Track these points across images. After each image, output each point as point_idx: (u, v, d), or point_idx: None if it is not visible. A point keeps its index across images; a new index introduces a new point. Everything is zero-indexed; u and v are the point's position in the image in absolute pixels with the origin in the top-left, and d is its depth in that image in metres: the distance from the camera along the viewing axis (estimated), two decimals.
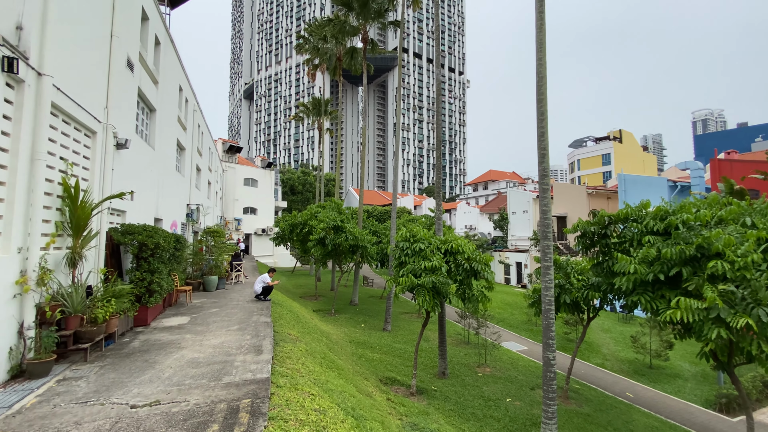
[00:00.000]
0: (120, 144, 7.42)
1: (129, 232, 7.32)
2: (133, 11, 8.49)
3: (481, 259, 9.35)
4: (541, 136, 8.67)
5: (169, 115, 11.86)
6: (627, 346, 17.32)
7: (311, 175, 60.97)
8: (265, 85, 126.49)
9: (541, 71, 8.64)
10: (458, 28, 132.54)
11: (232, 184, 33.95)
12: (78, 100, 5.93)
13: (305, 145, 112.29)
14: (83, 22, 6.18)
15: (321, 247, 15.99)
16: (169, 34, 11.27)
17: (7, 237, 4.49)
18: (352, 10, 20.74)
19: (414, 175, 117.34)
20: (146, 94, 9.44)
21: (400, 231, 9.79)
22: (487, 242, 40.97)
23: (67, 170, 5.76)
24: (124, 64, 7.80)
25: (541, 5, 8.64)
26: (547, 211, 8.68)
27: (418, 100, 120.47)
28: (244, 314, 8.81)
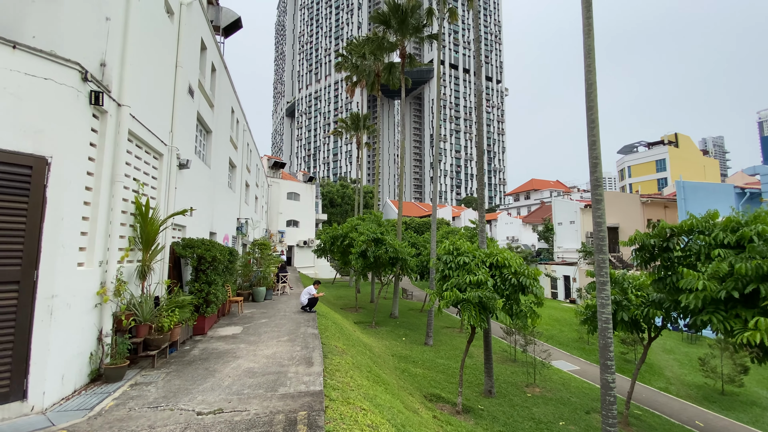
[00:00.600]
0: (182, 164, 8.03)
1: (189, 246, 7.85)
2: (194, 42, 9.26)
3: (530, 273, 9.01)
4: (593, 145, 8.31)
5: (223, 135, 12.69)
6: (694, 369, 15.76)
7: (350, 188, 62.20)
8: (305, 102, 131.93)
9: (591, 78, 8.34)
10: (495, 36, 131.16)
11: (276, 198, 35.42)
12: (148, 125, 6.53)
13: (343, 159, 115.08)
14: (154, 56, 6.83)
15: (362, 259, 16.18)
16: (223, 61, 12.14)
17: (91, 251, 4.99)
18: (391, 27, 21.24)
19: (452, 186, 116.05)
20: (204, 117, 10.19)
21: (443, 244, 9.69)
22: (531, 254, 39.39)
23: (138, 190, 6.32)
24: (186, 90, 8.50)
25: (588, 11, 8.39)
26: (601, 222, 8.24)
27: (454, 110, 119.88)
28: (293, 325, 9.06)
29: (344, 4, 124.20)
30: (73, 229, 4.59)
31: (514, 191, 72.33)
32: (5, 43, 4.10)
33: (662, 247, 9.05)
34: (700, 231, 8.39)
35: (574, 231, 35.76)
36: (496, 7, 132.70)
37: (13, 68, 4.11)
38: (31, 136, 4.14)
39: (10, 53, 4.12)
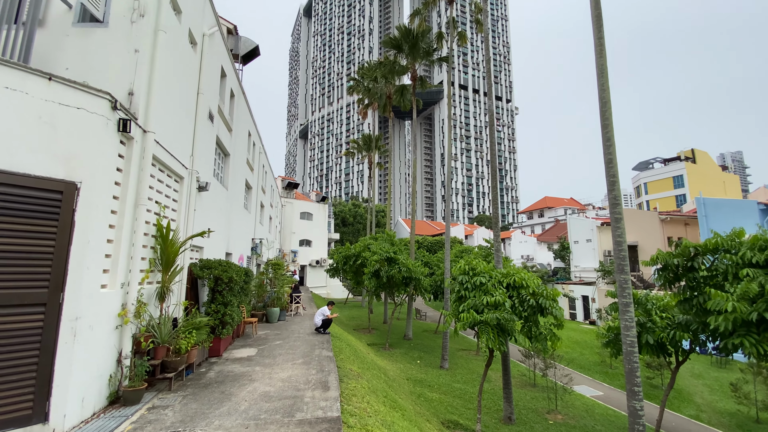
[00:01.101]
0: (201, 187, 8.23)
1: (207, 267, 7.94)
2: (215, 70, 9.66)
3: (548, 294, 8.79)
4: (609, 163, 8.24)
5: (240, 158, 13.02)
6: (725, 395, 14.90)
7: (361, 207, 62.52)
8: (318, 124, 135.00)
9: (605, 96, 8.34)
10: (504, 57, 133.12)
11: (290, 217, 35.81)
12: (171, 150, 6.76)
13: (355, 179, 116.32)
14: (178, 84, 7.14)
15: (375, 279, 16.07)
16: (241, 87, 12.60)
17: (114, 273, 5.09)
18: (402, 51, 21.78)
19: (463, 204, 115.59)
20: (223, 141, 10.50)
21: (458, 263, 9.57)
22: (547, 274, 38.52)
23: (160, 212, 6.48)
24: (206, 116, 8.81)
25: (599, 31, 8.48)
26: (621, 242, 8.06)
27: (464, 130, 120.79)
28: (307, 347, 8.97)
29: (356, 31, 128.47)
30: (98, 252, 4.71)
31: (528, 209, 71.58)
32: (42, 76, 4.34)
33: (687, 266, 8.73)
34: (726, 250, 8.09)
35: (592, 249, 34.97)
36: (504, 29, 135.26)
37: (48, 98, 4.33)
38: (62, 163, 4.32)
39: (46, 85, 4.36)
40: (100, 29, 5.73)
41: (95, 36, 5.72)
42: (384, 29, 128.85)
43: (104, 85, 5.18)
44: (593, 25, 8.51)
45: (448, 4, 19.65)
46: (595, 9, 8.53)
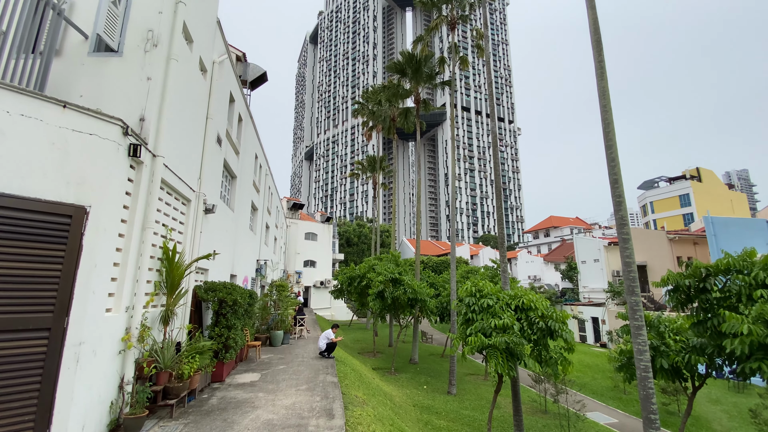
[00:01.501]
0: (208, 209, 8.30)
1: (211, 290, 7.90)
2: (224, 96, 9.92)
3: (557, 316, 8.60)
4: (615, 183, 8.22)
5: (247, 180, 13.18)
6: (745, 422, 14.24)
7: (366, 227, 62.57)
8: (323, 146, 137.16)
9: (607, 118, 8.41)
10: (505, 80, 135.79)
11: (294, 238, 35.85)
12: (179, 173, 6.86)
13: (360, 199, 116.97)
14: (187, 109, 7.32)
15: (380, 300, 15.86)
16: (249, 112, 12.89)
17: (119, 297, 5.07)
18: (406, 75, 22.31)
19: (468, 224, 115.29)
20: (230, 163, 10.66)
21: (464, 285, 9.44)
22: (555, 295, 37.87)
23: (167, 235, 6.52)
24: (214, 140, 8.98)
25: (600, 54, 8.64)
26: (631, 263, 7.93)
27: (468, 150, 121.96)
28: (311, 372, 8.78)
29: (360, 56, 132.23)
30: (105, 276, 4.71)
31: (533, 228, 71.19)
32: (56, 103, 4.47)
33: (699, 288, 8.54)
34: (738, 270, 7.92)
35: (599, 270, 34.47)
36: (504, 53, 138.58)
37: (62, 125, 4.44)
38: (73, 187, 4.39)
39: (60, 112, 4.48)
40: (115, 58, 5.94)
41: (110, 64, 5.92)
42: (387, 55, 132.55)
43: (116, 111, 5.32)
44: (593, 49, 8.69)
45: (450, 31, 20.23)
46: (595, 34, 8.73)
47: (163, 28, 6.16)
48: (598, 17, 8.91)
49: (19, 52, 4.91)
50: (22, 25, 4.83)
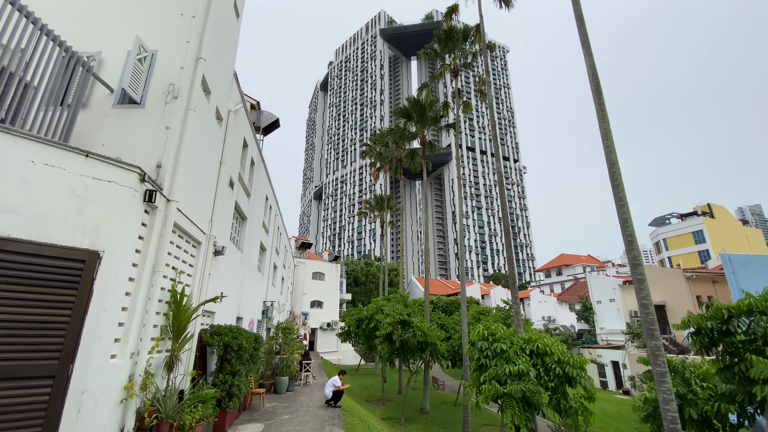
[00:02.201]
0: (218, 251, 8.37)
1: (217, 333, 7.77)
2: (238, 142, 10.35)
3: (575, 362, 8.19)
4: (624, 223, 8.15)
5: (257, 221, 13.38)
6: None
7: (374, 266, 61.99)
8: (332, 186, 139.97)
9: (612, 158, 8.52)
10: (509, 121, 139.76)
11: (302, 278, 35.59)
12: (191, 216, 7.01)
13: (367, 237, 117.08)
14: (202, 155, 7.63)
15: (388, 343, 15.34)
16: (261, 156, 13.36)
17: (125, 343, 5.01)
18: (411, 119, 23.17)
19: (478, 262, 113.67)
20: (241, 205, 10.89)
21: (476, 328, 9.14)
22: (572, 337, 36.32)
23: (176, 278, 6.54)
24: (227, 183, 9.25)
25: (599, 98, 8.92)
26: (647, 304, 7.67)
27: (474, 188, 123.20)
28: (317, 423, 8.35)
29: (368, 102, 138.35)
30: (112, 321, 4.69)
31: (544, 267, 69.85)
32: (79, 153, 4.70)
33: (722, 330, 8.15)
34: (762, 311, 7.58)
35: (616, 310, 33.22)
36: (507, 96, 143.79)
37: (83, 173, 4.64)
38: (89, 233, 4.50)
39: (82, 162, 4.70)
40: (137, 109, 6.32)
41: (132, 115, 6.28)
42: (394, 100, 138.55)
43: (135, 159, 5.56)
44: (593, 93, 9.00)
45: (453, 77, 21.21)
46: (593, 79, 9.07)
47: (183, 81, 6.58)
48: (595, 63, 9.31)
49: (48, 105, 5.25)
50: (53, 80, 5.20)
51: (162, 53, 6.68)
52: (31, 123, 4.92)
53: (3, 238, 3.81)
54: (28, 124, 4.85)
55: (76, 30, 6.55)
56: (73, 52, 5.51)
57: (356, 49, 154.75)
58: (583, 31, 9.60)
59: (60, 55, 5.29)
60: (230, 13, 8.95)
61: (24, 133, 4.18)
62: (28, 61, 4.77)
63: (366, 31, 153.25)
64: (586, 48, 9.47)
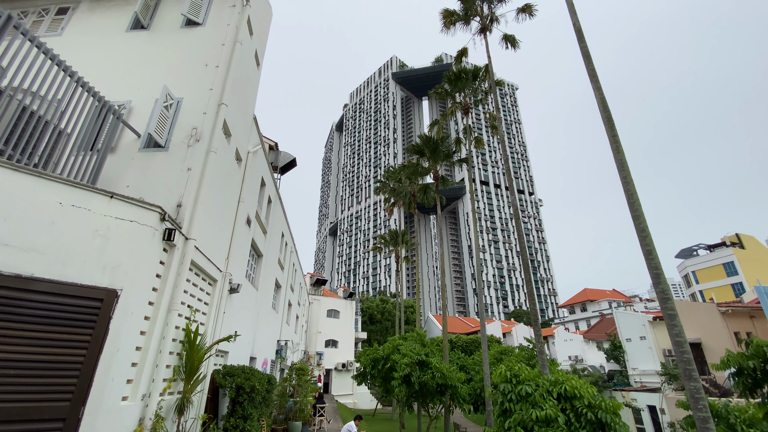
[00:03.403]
0: (233, 289, 8.37)
1: (230, 374, 7.59)
2: (256, 181, 10.67)
3: (608, 406, 7.58)
4: (649, 254, 7.83)
5: (272, 258, 13.46)
6: None
7: (389, 303, 60.70)
8: (347, 222, 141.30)
9: (630, 188, 8.37)
10: (521, 155, 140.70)
11: (316, 315, 35.04)
12: (208, 254, 7.10)
13: (382, 273, 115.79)
14: (221, 195, 7.85)
15: (406, 386, 14.63)
16: (278, 194, 13.69)
17: (137, 384, 4.92)
18: (424, 155, 23.60)
19: (497, 298, 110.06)
20: (257, 243, 11.02)
21: (498, 369, 8.65)
22: (602, 378, 33.97)
23: (191, 316, 6.51)
24: (244, 221, 9.43)
25: (612, 130, 8.92)
26: (682, 342, 7.18)
27: (490, 222, 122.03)
28: None
29: (381, 140, 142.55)
30: (126, 361, 4.65)
31: (568, 303, 67.04)
32: (105, 194, 4.90)
33: (765, 370, 7.53)
34: None
35: (648, 348, 31.16)
36: (518, 131, 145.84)
37: (107, 214, 4.81)
38: (108, 271, 4.58)
39: (107, 202, 4.88)
40: (161, 152, 6.64)
41: (155, 157, 6.59)
42: (407, 137, 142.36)
43: (157, 199, 5.77)
44: (605, 125, 9.02)
45: (464, 115, 21.74)
46: (604, 112, 9.13)
47: (205, 125, 6.93)
48: (605, 97, 9.41)
49: (80, 150, 5.57)
50: (86, 127, 5.55)
51: (186, 100, 7.11)
52: (62, 167, 5.20)
53: (26, 277, 3.91)
54: (60, 168, 5.13)
55: (110, 81, 7.07)
56: (105, 102, 5.91)
57: (370, 91, 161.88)
58: (591, 67, 9.81)
59: (93, 104, 5.68)
60: (251, 62, 9.56)
61: (54, 176, 4.41)
62: (63, 110, 5.13)
63: (379, 75, 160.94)
64: (595, 82, 9.63)
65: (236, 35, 8.08)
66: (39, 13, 8.53)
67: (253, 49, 9.64)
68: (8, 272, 3.83)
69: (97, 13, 8.42)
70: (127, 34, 8.07)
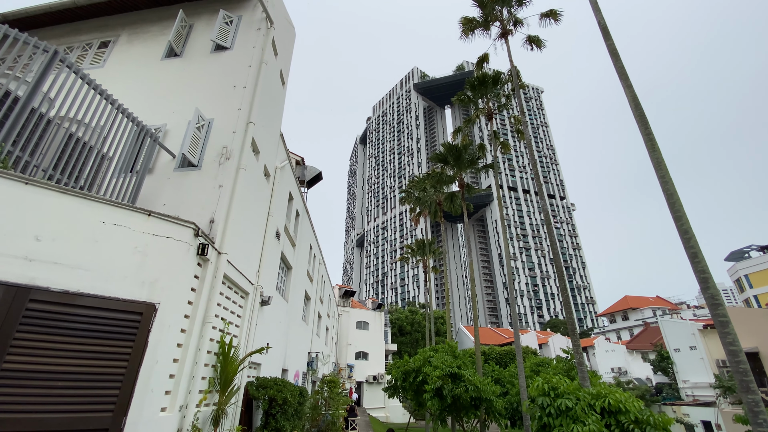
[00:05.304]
0: (264, 301, 8.55)
1: (262, 386, 7.69)
2: (284, 195, 10.94)
3: (657, 422, 7.06)
4: (694, 257, 7.33)
5: (301, 270, 13.67)
6: None
7: (419, 314, 59.92)
8: (373, 233, 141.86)
9: (669, 188, 7.91)
10: (550, 159, 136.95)
11: (346, 327, 35.10)
12: (240, 268, 7.30)
13: (410, 283, 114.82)
14: (251, 209, 8.09)
15: (438, 399, 14.26)
16: (306, 208, 13.98)
17: (175, 395, 5.07)
18: (448, 163, 23.41)
19: (531, 307, 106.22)
20: (287, 256, 11.25)
21: (535, 382, 8.27)
22: (649, 392, 31.77)
23: (224, 328, 6.68)
24: (273, 235, 9.66)
25: (646, 128, 8.52)
26: (737, 351, 6.61)
27: (520, 228, 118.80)
28: None
29: (405, 151, 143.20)
30: (164, 373, 4.81)
31: (607, 311, 63.62)
32: (143, 212, 5.16)
33: None
34: None
35: (699, 359, 28.96)
36: (546, 134, 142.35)
37: (145, 231, 5.05)
38: (147, 286, 4.79)
39: (145, 220, 5.14)
40: (194, 171, 6.95)
41: (189, 176, 6.90)
42: (430, 146, 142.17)
43: (191, 215, 6.01)
44: (638, 123, 8.62)
45: (488, 120, 21.46)
46: (637, 110, 8.74)
47: (235, 144, 7.21)
48: (636, 94, 9.02)
49: (121, 172, 5.93)
50: (126, 150, 5.91)
51: (217, 120, 7.44)
52: (105, 188, 5.54)
53: (73, 293, 4.16)
54: (103, 190, 5.47)
55: (147, 106, 7.52)
56: (143, 126, 6.28)
57: (392, 103, 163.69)
58: (619, 64, 9.46)
59: (132, 129, 6.05)
60: (276, 82, 9.91)
61: (97, 197, 4.69)
62: (105, 135, 5.48)
63: (401, 86, 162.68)
64: (624, 80, 9.27)
65: (262, 56, 8.41)
66: (83, 47, 9.26)
67: (278, 69, 10.00)
68: (57, 288, 4.09)
69: (135, 44, 9.03)
70: (162, 62, 8.59)
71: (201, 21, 9.07)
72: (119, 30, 9.30)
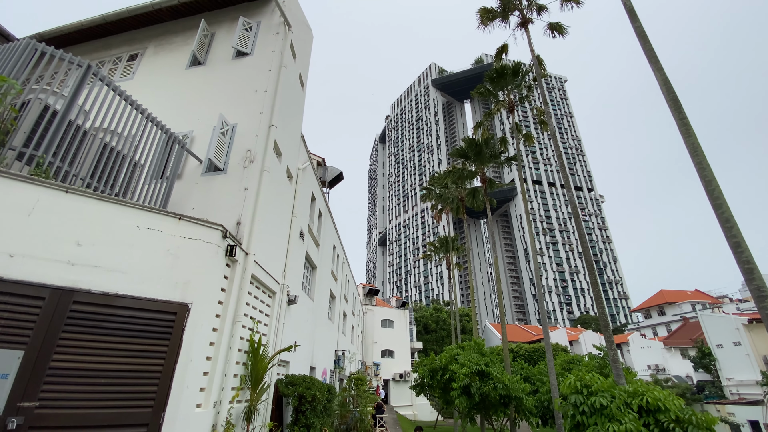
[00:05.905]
0: (291, 300, 8.71)
1: (292, 384, 7.84)
2: (306, 196, 11.10)
3: (700, 421, 6.70)
4: (737, 247, 6.91)
5: (326, 269, 13.84)
6: None
7: (444, 311, 59.46)
8: (395, 231, 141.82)
9: (707, 175, 7.49)
10: (576, 150, 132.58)
11: (371, 326, 35.29)
12: (266, 268, 7.46)
13: (434, 281, 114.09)
14: (276, 211, 8.26)
15: (466, 397, 14.11)
16: (328, 208, 14.14)
17: (209, 392, 5.25)
18: (469, 158, 23.09)
19: (560, 303, 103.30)
20: (311, 255, 11.41)
21: (567, 379, 8.03)
22: (690, 390, 30.29)
23: (253, 327, 6.86)
24: (298, 235, 9.82)
25: (680, 113, 8.09)
26: None
27: (546, 222, 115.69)
28: None
29: (425, 148, 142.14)
30: (198, 370, 4.98)
31: (642, 306, 60.99)
32: (174, 216, 5.35)
33: None
34: None
35: (744, 355, 27.34)
36: (570, 125, 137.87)
37: (176, 234, 5.25)
38: (180, 287, 4.98)
39: (176, 224, 5.33)
40: (220, 175, 7.15)
41: (215, 180, 7.11)
42: (450, 142, 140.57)
43: (218, 218, 6.19)
44: (671, 108, 8.20)
45: (509, 113, 20.98)
46: (669, 93, 8.32)
47: (258, 147, 7.36)
48: (668, 77, 8.58)
49: (152, 178, 6.18)
50: (156, 158, 6.16)
51: (240, 125, 7.62)
52: (138, 194, 5.79)
53: (112, 294, 4.37)
54: (136, 196, 5.71)
55: (174, 114, 7.79)
56: (171, 134, 6.52)
57: (410, 101, 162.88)
58: (648, 46, 9.02)
59: (161, 136, 6.29)
60: (296, 85, 10.05)
61: (131, 203, 4.91)
62: (137, 144, 5.72)
63: (419, 83, 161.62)
64: (654, 63, 8.83)
65: (281, 60, 8.55)
66: (113, 61, 9.71)
67: (297, 72, 10.14)
68: (97, 290, 4.31)
69: (161, 55, 9.38)
70: (187, 71, 8.88)
71: (222, 29, 9.31)
72: (146, 42, 9.68)
